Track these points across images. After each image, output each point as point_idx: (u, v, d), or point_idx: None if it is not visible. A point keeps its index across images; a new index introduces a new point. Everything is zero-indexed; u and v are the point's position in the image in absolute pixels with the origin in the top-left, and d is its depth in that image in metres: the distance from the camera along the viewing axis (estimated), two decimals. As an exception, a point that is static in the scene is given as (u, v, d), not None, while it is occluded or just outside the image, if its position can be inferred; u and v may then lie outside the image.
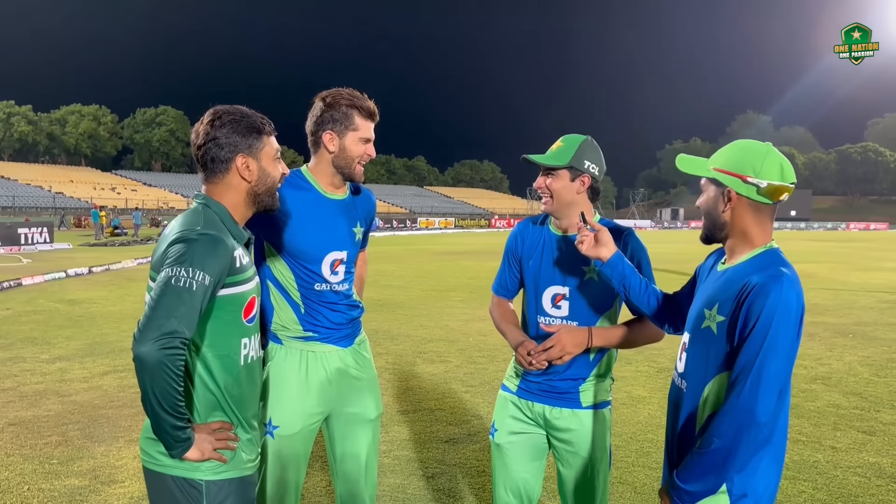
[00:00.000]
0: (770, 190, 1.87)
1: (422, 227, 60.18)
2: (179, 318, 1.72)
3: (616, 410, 5.66)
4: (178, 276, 1.75)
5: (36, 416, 5.40)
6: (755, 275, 1.81)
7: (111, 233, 37.79)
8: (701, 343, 1.94)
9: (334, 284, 2.60)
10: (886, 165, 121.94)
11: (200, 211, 1.93)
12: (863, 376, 6.93)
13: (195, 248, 1.79)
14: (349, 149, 2.50)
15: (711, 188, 1.97)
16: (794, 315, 1.76)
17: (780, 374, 1.74)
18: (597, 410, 2.55)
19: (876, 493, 4.08)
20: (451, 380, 6.66)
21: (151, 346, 1.69)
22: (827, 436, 5.08)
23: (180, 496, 1.88)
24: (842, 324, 10.21)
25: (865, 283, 16.20)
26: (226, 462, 1.92)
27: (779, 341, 1.73)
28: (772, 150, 1.92)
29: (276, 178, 2.05)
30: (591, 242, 2.26)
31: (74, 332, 9.07)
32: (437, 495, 4.03)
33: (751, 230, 1.91)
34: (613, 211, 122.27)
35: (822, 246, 36.80)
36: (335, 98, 2.49)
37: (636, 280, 2.25)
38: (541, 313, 2.54)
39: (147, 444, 1.92)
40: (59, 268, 16.93)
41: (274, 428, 2.52)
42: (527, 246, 2.63)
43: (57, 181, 73.73)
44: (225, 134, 1.95)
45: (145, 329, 1.70)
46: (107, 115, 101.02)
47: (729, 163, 1.92)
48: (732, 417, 1.74)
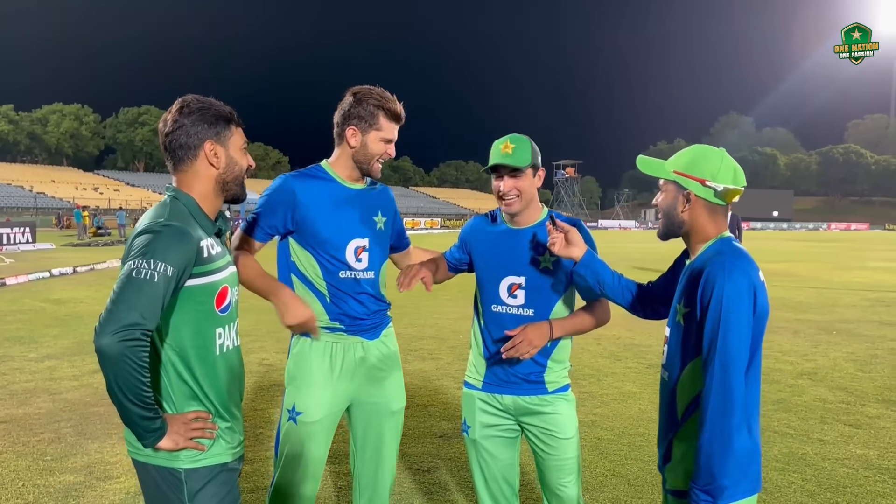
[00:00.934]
0: (725, 193, 2.01)
1: (408, 228, 60.11)
2: (140, 309, 1.72)
3: (607, 405, 5.73)
4: (140, 267, 1.75)
5: (27, 414, 5.37)
6: (706, 263, 1.95)
7: (94, 233, 37.46)
8: (675, 335, 2.07)
9: (359, 272, 2.64)
10: (867, 167, 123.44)
11: (168, 203, 1.94)
12: (848, 371, 7.04)
13: (158, 239, 1.80)
14: (370, 146, 2.57)
15: (671, 189, 2.09)
16: (745, 293, 1.87)
17: (741, 350, 1.85)
18: (562, 392, 2.65)
19: (864, 483, 4.16)
20: (442, 376, 6.70)
21: (111, 338, 1.69)
22: (814, 429, 5.17)
23: (163, 484, 1.91)
24: (826, 321, 10.35)
25: (848, 282, 16.42)
26: (204, 450, 1.93)
27: (732, 321, 1.84)
28: (726, 155, 2.05)
29: (242, 168, 2.06)
30: (562, 243, 2.36)
31: (61, 331, 9.01)
32: (432, 489, 4.07)
33: (706, 227, 2.05)
34: (598, 211, 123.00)
35: (805, 246, 37.21)
36: (364, 96, 2.55)
37: (609, 275, 2.36)
38: (496, 302, 2.62)
39: (130, 435, 1.94)
40: (43, 268, 16.79)
41: (297, 414, 2.56)
42: (480, 242, 2.71)
43: (38, 181, 72.97)
44: (193, 121, 1.96)
45: (106, 322, 1.71)
46: (89, 114, 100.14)
47: (689, 167, 2.04)
48: (709, 403, 1.85)
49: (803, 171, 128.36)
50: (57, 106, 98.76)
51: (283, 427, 2.62)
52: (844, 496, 3.97)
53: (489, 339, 2.65)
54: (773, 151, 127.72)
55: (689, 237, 2.09)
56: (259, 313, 8.47)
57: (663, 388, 2.15)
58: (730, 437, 1.85)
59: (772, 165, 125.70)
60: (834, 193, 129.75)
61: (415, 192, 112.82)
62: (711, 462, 1.86)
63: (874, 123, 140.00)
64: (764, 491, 4.01)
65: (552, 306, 2.60)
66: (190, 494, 1.90)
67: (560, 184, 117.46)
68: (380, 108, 2.54)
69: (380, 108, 2.54)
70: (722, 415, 1.84)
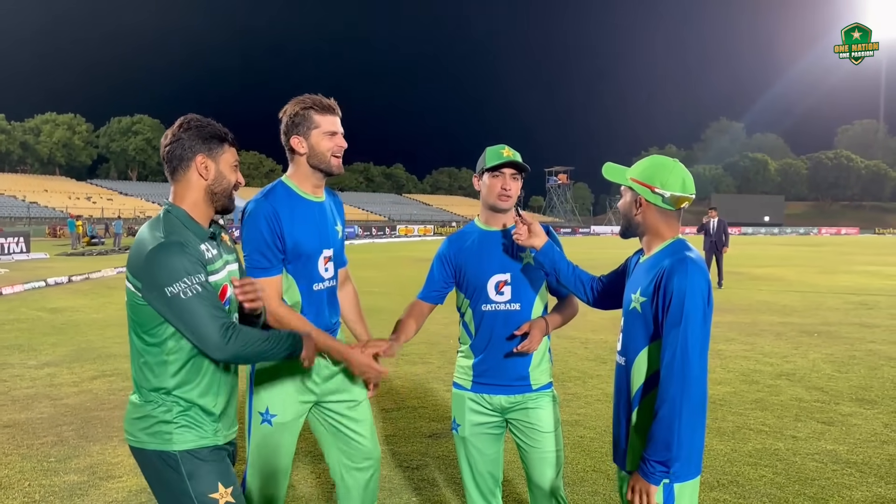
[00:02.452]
0: (673, 199, 2.26)
1: (401, 235, 60.33)
2: (211, 315, 2.02)
3: (591, 406, 5.94)
4: (178, 292, 2.01)
5: (30, 419, 5.55)
6: (665, 260, 2.20)
7: (88, 242, 37.53)
8: (631, 322, 2.30)
9: (327, 282, 2.83)
10: (857, 171, 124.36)
11: (161, 218, 2.16)
12: (825, 372, 7.27)
13: (169, 259, 2.03)
14: (318, 145, 2.68)
15: (629, 194, 2.34)
16: (703, 288, 2.13)
17: (698, 337, 2.09)
18: (545, 390, 2.88)
19: (831, 476, 4.37)
20: (432, 379, 6.90)
21: (224, 350, 2.04)
22: (788, 426, 5.39)
23: (161, 466, 2.12)
24: (808, 324, 10.60)
25: (833, 286, 16.69)
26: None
27: (693, 311, 2.09)
28: (678, 165, 2.29)
29: (231, 182, 2.26)
30: (526, 234, 2.64)
31: (59, 339, 9.17)
32: (420, 485, 4.26)
33: (660, 228, 2.30)
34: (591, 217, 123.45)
35: (794, 250, 37.56)
36: (292, 107, 2.70)
37: (565, 264, 2.65)
38: (486, 302, 2.83)
39: (130, 425, 2.16)
40: (38, 277, 16.91)
41: (272, 416, 2.70)
42: (463, 251, 2.92)
43: (31, 191, 72.87)
44: (189, 136, 2.19)
45: (208, 346, 2.03)
46: (81, 123, 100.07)
47: (642, 174, 2.29)
48: (671, 380, 2.07)
49: (794, 176, 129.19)
50: (49, 115, 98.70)
51: (256, 430, 2.72)
52: (812, 488, 4.18)
53: (481, 339, 2.84)
54: (763, 157, 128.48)
55: (643, 237, 2.36)
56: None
57: (619, 372, 2.38)
58: (690, 412, 2.07)
59: (763, 171, 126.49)
60: (824, 198, 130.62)
61: (408, 199, 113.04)
62: (670, 434, 2.06)
63: (863, 128, 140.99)
64: (735, 484, 4.23)
65: (534, 298, 2.84)
66: (189, 474, 2.10)
67: (552, 190, 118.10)
68: (309, 108, 2.66)
69: (308, 108, 2.66)
70: (682, 393, 2.06)
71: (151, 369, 2.11)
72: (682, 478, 2.15)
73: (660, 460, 2.08)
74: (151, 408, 2.12)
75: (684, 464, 2.14)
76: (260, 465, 2.72)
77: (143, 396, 2.14)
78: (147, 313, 2.08)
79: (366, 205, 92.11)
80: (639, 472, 2.13)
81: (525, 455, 2.87)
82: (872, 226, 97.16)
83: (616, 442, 2.41)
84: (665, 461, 2.08)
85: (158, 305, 2.04)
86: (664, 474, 2.09)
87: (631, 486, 2.17)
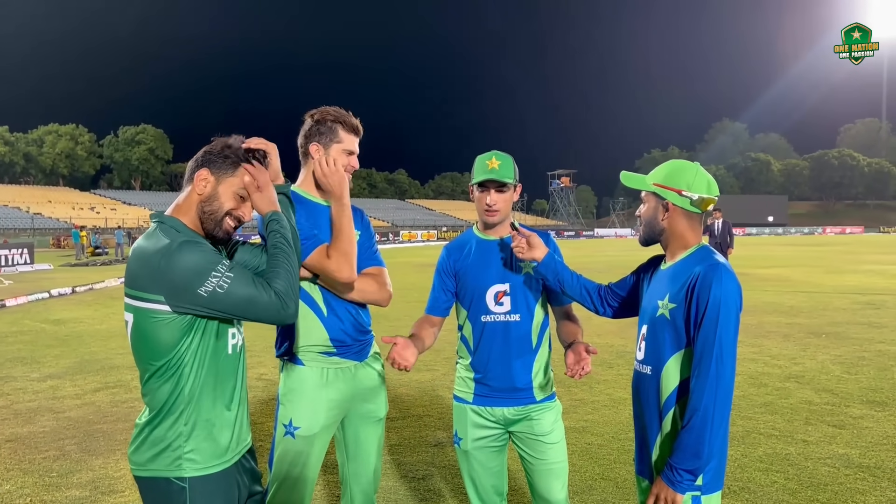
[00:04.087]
0: (700, 201, 2.22)
1: (404, 240, 60.36)
2: (257, 292, 1.95)
3: (598, 412, 5.87)
4: (215, 286, 1.90)
5: (32, 433, 5.50)
6: (696, 266, 2.15)
7: (92, 252, 37.58)
8: (658, 330, 2.23)
9: None
10: (860, 170, 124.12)
11: (156, 229, 2.01)
12: (834, 374, 7.19)
13: (189, 259, 1.90)
14: (334, 159, 2.68)
15: (652, 200, 2.29)
16: (737, 297, 2.10)
17: (733, 344, 2.06)
18: (549, 402, 2.81)
19: (844, 481, 4.30)
20: (437, 387, 6.84)
21: (286, 309, 1.97)
22: (799, 430, 5.31)
23: (161, 498, 2.00)
24: (816, 325, 10.51)
25: (839, 286, 16.60)
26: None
27: (729, 319, 2.05)
28: (700, 168, 2.26)
29: (223, 209, 2.09)
30: (526, 247, 2.59)
31: (63, 350, 9.14)
32: (427, 496, 4.20)
33: (686, 234, 2.25)
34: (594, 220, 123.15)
35: (799, 250, 37.44)
36: (322, 115, 2.71)
37: (568, 274, 2.59)
38: (485, 312, 2.77)
39: (134, 454, 2.04)
40: (42, 288, 16.92)
41: (295, 429, 2.65)
42: (461, 260, 2.86)
43: (35, 202, 73.13)
44: (206, 152, 2.11)
45: (272, 320, 1.97)
46: (84, 134, 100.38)
47: (667, 179, 2.25)
48: (705, 389, 2.03)
49: (797, 175, 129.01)
50: (52, 126, 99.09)
51: (279, 442, 2.69)
52: (825, 494, 4.11)
53: (481, 351, 2.78)
54: (766, 157, 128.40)
55: (667, 243, 2.30)
56: (257, 329, 8.59)
57: (643, 382, 2.30)
58: (720, 423, 2.04)
59: (766, 171, 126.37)
60: (828, 197, 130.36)
61: (411, 205, 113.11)
62: (701, 443, 2.02)
63: (866, 127, 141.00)
64: (747, 490, 4.16)
65: (534, 309, 2.77)
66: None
67: (555, 193, 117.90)
68: (338, 123, 2.69)
69: (338, 122, 2.69)
70: (714, 402, 2.02)
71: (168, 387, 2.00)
72: (709, 490, 2.10)
73: (689, 469, 2.05)
74: (164, 430, 2.00)
75: (713, 475, 2.10)
76: (283, 478, 2.68)
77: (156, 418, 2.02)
78: (169, 329, 1.95)
79: (369, 211, 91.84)
80: (663, 480, 2.08)
81: (529, 467, 2.80)
82: (877, 224, 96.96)
83: (642, 453, 2.34)
84: (694, 469, 2.04)
85: (196, 310, 1.93)
86: (691, 483, 2.06)
87: (655, 493, 2.11)
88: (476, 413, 2.81)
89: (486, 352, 2.76)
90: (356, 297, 2.70)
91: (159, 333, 1.96)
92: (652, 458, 2.26)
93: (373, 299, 2.77)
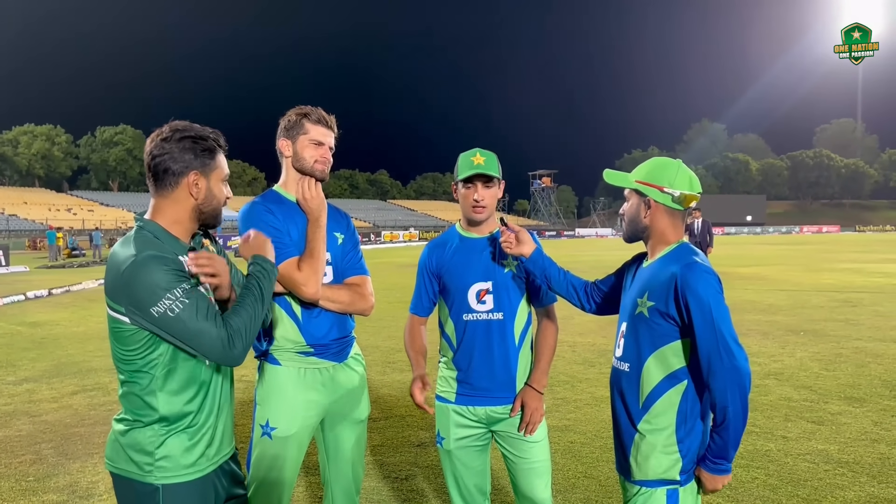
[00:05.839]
0: (682, 198, 2.23)
1: (386, 241, 60.17)
2: (209, 321, 1.89)
3: (580, 410, 5.89)
4: (167, 309, 1.85)
5: (7, 437, 5.41)
6: (673, 265, 2.16)
7: (68, 254, 37.07)
8: (636, 327, 2.24)
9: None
10: (836, 170, 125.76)
11: (132, 237, 1.98)
12: (813, 371, 7.27)
13: (148, 276, 1.85)
14: (302, 151, 2.70)
15: (634, 197, 2.31)
16: (719, 288, 2.12)
17: (733, 333, 2.07)
18: None
19: (823, 476, 4.34)
20: (420, 387, 6.80)
21: (232, 351, 1.92)
22: (778, 427, 5.36)
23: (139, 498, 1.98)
24: (794, 322, 10.63)
25: (817, 284, 16.80)
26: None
27: (721, 311, 2.07)
28: (682, 165, 2.27)
29: (220, 201, 2.11)
30: (515, 242, 2.59)
31: (39, 353, 9.00)
32: (410, 496, 4.18)
33: (667, 231, 2.27)
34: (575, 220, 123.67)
35: (777, 249, 37.86)
36: (289, 113, 2.76)
37: (555, 270, 2.60)
38: (467, 311, 2.76)
39: (111, 451, 2.02)
40: (18, 290, 16.65)
41: (272, 429, 2.63)
42: (443, 258, 2.85)
43: (10, 203, 71.95)
44: (181, 149, 2.00)
45: (214, 357, 1.92)
46: (60, 134, 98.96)
47: (649, 176, 2.26)
48: (728, 382, 2.03)
49: (775, 175, 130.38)
50: (28, 127, 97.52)
51: (257, 443, 2.67)
52: (805, 489, 4.15)
53: (463, 349, 2.77)
54: (745, 157, 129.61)
55: (649, 240, 2.31)
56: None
57: (622, 379, 2.29)
58: (746, 408, 2.06)
59: (744, 171, 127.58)
60: (805, 197, 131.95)
61: (392, 205, 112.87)
62: (740, 432, 2.06)
63: (841, 128, 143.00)
64: (728, 487, 4.18)
65: (517, 307, 2.75)
66: None
67: (537, 193, 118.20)
68: (302, 116, 2.72)
69: (302, 115, 2.72)
70: (740, 390, 2.03)
71: (140, 395, 1.97)
72: (687, 482, 2.12)
73: (720, 456, 2.09)
74: (137, 434, 1.98)
75: (692, 468, 2.12)
76: (260, 479, 2.66)
77: (130, 421, 2.00)
78: (133, 340, 1.92)
79: (351, 212, 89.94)
80: (706, 471, 2.12)
81: (512, 466, 2.79)
82: (853, 223, 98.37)
83: (620, 451, 2.33)
84: (727, 455, 2.09)
85: (149, 327, 1.89)
86: (725, 464, 2.11)
87: (710, 490, 2.15)
88: (458, 413, 2.80)
89: (468, 350, 2.75)
90: (337, 309, 2.70)
91: (129, 341, 1.94)
92: (627, 457, 2.27)
93: (355, 309, 2.78)
